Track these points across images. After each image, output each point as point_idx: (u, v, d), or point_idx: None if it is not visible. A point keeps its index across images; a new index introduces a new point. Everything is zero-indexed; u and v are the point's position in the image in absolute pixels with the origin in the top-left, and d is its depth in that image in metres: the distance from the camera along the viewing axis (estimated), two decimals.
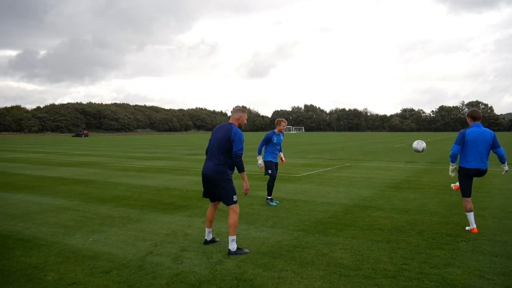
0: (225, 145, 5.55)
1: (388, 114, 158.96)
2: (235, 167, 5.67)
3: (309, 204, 8.78)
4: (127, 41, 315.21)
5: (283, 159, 9.58)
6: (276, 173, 9.09)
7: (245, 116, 5.88)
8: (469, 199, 6.47)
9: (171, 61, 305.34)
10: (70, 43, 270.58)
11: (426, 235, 6.22)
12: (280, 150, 9.33)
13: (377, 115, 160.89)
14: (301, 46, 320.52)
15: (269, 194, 8.95)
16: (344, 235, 6.26)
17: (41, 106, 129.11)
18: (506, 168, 6.64)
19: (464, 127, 6.49)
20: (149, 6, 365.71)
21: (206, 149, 5.98)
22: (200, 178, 5.94)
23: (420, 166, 17.03)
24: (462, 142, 6.37)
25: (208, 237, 5.96)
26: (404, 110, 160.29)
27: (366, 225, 6.91)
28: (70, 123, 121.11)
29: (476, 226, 6.41)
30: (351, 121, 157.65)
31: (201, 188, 6.00)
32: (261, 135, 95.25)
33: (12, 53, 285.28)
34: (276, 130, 9.04)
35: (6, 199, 9.66)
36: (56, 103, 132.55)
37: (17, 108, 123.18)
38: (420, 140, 8.37)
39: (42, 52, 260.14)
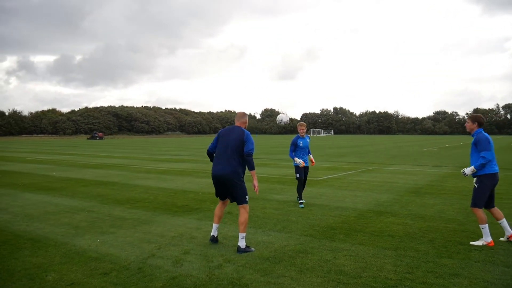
0: (239, 146, 5.82)
1: (420, 117, 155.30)
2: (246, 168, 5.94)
3: (323, 209, 8.63)
4: (159, 45, 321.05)
5: (313, 160, 9.51)
6: (306, 176, 9.28)
7: (247, 119, 6.28)
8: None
9: (201, 64, 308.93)
10: (105, 48, 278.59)
11: (437, 242, 5.98)
12: (309, 152, 9.43)
13: (408, 117, 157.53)
14: (330, 48, 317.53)
15: (299, 197, 9.05)
16: (352, 241, 6.10)
17: (76, 110, 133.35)
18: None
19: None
20: (180, 11, 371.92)
21: (209, 150, 6.25)
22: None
23: (447, 171, 16.50)
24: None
25: (215, 233, 6.12)
26: (437, 113, 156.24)
27: (377, 231, 6.72)
28: (102, 125, 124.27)
29: (492, 239, 5.96)
30: (382, 124, 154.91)
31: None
32: (291, 138, 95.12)
33: (50, 58, 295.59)
34: (299, 134, 9.24)
35: (28, 200, 9.96)
36: (91, 106, 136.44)
37: (53, 111, 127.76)
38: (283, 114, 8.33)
39: (78, 57, 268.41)
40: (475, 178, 6.05)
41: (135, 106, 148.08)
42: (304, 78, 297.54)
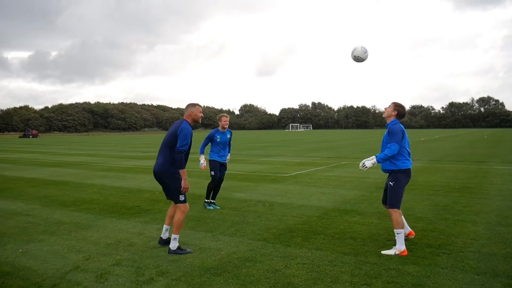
0: (171, 140, 5.31)
1: None
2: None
3: (285, 208, 7.98)
4: (138, 41, 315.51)
5: (228, 158, 8.40)
6: (223, 174, 8.28)
7: (197, 110, 5.51)
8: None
9: (181, 60, 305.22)
10: (81, 44, 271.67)
11: None
12: (228, 151, 8.38)
13: None
14: (309, 44, 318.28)
15: (207, 197, 8.14)
16: (309, 246, 5.45)
17: (49, 106, 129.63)
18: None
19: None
20: (158, 7, 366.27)
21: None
22: None
23: (419, 165, 16.08)
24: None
25: (164, 235, 5.59)
26: (413, 107, 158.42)
27: (339, 232, 6.09)
28: (77, 122, 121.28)
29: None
30: (359, 118, 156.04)
31: None
32: (269, 133, 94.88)
33: (24, 54, 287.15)
34: (219, 128, 8.14)
35: None
36: (67, 103, 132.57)
37: (25, 108, 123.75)
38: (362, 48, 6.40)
39: (54, 53, 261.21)
40: (389, 176, 5.39)
41: (112, 103, 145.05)
42: (283, 73, 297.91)
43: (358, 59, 6.49)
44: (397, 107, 5.40)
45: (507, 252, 5.02)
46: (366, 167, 5.34)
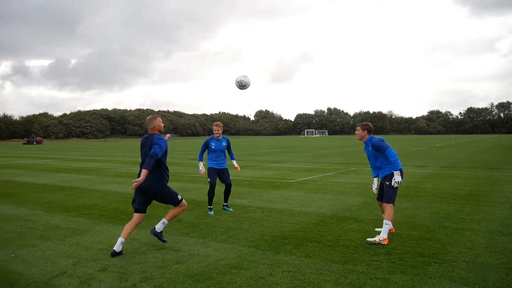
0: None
1: (414, 117, 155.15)
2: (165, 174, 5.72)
3: (283, 214, 7.91)
4: (155, 48, 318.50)
5: (236, 166, 8.61)
6: (228, 180, 8.33)
7: (158, 121, 5.85)
8: None
9: (197, 67, 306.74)
10: (100, 52, 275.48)
11: (394, 254, 5.25)
12: (232, 158, 8.54)
13: (402, 117, 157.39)
14: (325, 49, 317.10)
15: (209, 203, 8.24)
16: (299, 253, 5.37)
17: (68, 113, 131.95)
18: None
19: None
20: (175, 15, 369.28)
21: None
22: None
23: (430, 171, 15.82)
24: None
25: (118, 248, 5.47)
26: (431, 112, 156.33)
27: (332, 240, 6.00)
28: (95, 129, 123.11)
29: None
30: (376, 124, 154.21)
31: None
32: (283, 139, 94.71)
33: (45, 63, 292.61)
34: (214, 135, 8.32)
35: None
36: (85, 110, 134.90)
37: (45, 115, 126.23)
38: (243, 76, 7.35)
39: (73, 61, 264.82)
40: (386, 177, 6.04)
41: (128, 109, 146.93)
42: (299, 79, 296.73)
43: (241, 83, 7.07)
44: (364, 127, 6.27)
45: (501, 262, 4.86)
46: (400, 180, 5.90)
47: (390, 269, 4.70)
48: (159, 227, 5.74)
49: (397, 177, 5.88)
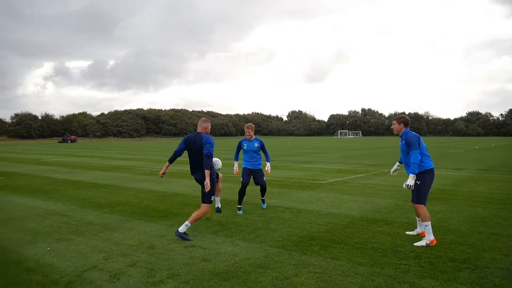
0: (202, 153, 6.27)
1: (452, 118, 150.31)
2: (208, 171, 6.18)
3: (311, 215, 7.86)
4: (189, 49, 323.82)
5: (267, 168, 8.58)
6: (261, 180, 8.36)
7: (209, 125, 6.73)
8: None
9: (230, 68, 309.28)
10: (136, 53, 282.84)
11: (424, 258, 5.12)
12: (267, 160, 8.57)
13: (439, 118, 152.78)
14: (359, 49, 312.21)
15: (239, 202, 8.32)
16: (326, 254, 5.33)
17: (105, 113, 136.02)
18: None
19: None
20: (209, 16, 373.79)
21: (175, 152, 6.64)
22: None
23: (466, 174, 15.30)
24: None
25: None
26: (470, 114, 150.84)
27: (360, 242, 5.91)
28: (131, 128, 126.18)
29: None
30: (412, 125, 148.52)
31: None
32: (316, 140, 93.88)
33: (84, 64, 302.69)
34: (247, 137, 8.44)
35: (8, 202, 9.62)
36: (122, 110, 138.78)
37: (83, 114, 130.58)
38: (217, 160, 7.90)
39: (111, 62, 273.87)
40: (413, 176, 5.84)
41: (164, 109, 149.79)
42: (332, 80, 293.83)
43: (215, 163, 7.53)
44: (400, 120, 6.12)
45: None
46: (411, 185, 5.82)
47: (419, 273, 4.59)
48: (182, 229, 6.11)
49: (409, 181, 5.80)
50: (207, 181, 6.02)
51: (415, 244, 5.69)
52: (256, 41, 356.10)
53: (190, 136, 6.51)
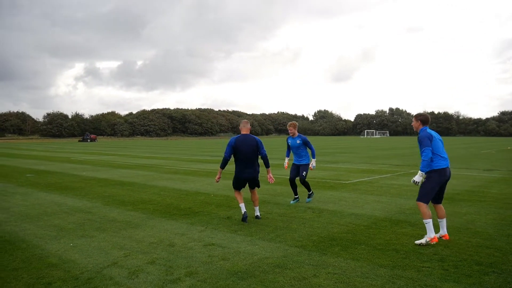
0: (257, 151, 7.15)
1: (484, 118, 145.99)
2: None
3: (333, 215, 7.74)
4: (216, 49, 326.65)
5: (311, 166, 9.08)
6: (301, 175, 8.91)
7: (249, 125, 7.48)
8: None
9: (256, 67, 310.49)
10: (164, 54, 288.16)
11: (449, 261, 4.96)
12: (313, 156, 9.04)
13: (470, 118, 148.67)
14: (387, 48, 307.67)
15: (295, 193, 9.15)
16: (346, 255, 5.23)
17: (133, 112, 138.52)
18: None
19: None
20: (235, 16, 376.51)
21: (226, 156, 7.10)
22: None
23: (497, 175, 14.79)
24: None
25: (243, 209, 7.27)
26: (503, 113, 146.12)
27: (382, 243, 5.78)
28: (157, 127, 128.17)
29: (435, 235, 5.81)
30: (441, 125, 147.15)
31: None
32: (342, 139, 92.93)
33: (113, 64, 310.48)
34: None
35: (37, 199, 9.89)
36: (149, 109, 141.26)
37: (112, 114, 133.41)
38: None
39: (139, 63, 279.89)
40: (421, 173, 5.88)
41: (190, 109, 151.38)
42: (359, 79, 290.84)
43: None
44: (418, 117, 6.09)
45: None
46: (418, 182, 5.91)
47: (443, 276, 4.44)
48: (257, 214, 7.42)
49: (416, 177, 5.89)
50: (271, 175, 7.25)
51: (416, 242, 5.74)
52: (281, 40, 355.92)
53: (239, 139, 7.10)
